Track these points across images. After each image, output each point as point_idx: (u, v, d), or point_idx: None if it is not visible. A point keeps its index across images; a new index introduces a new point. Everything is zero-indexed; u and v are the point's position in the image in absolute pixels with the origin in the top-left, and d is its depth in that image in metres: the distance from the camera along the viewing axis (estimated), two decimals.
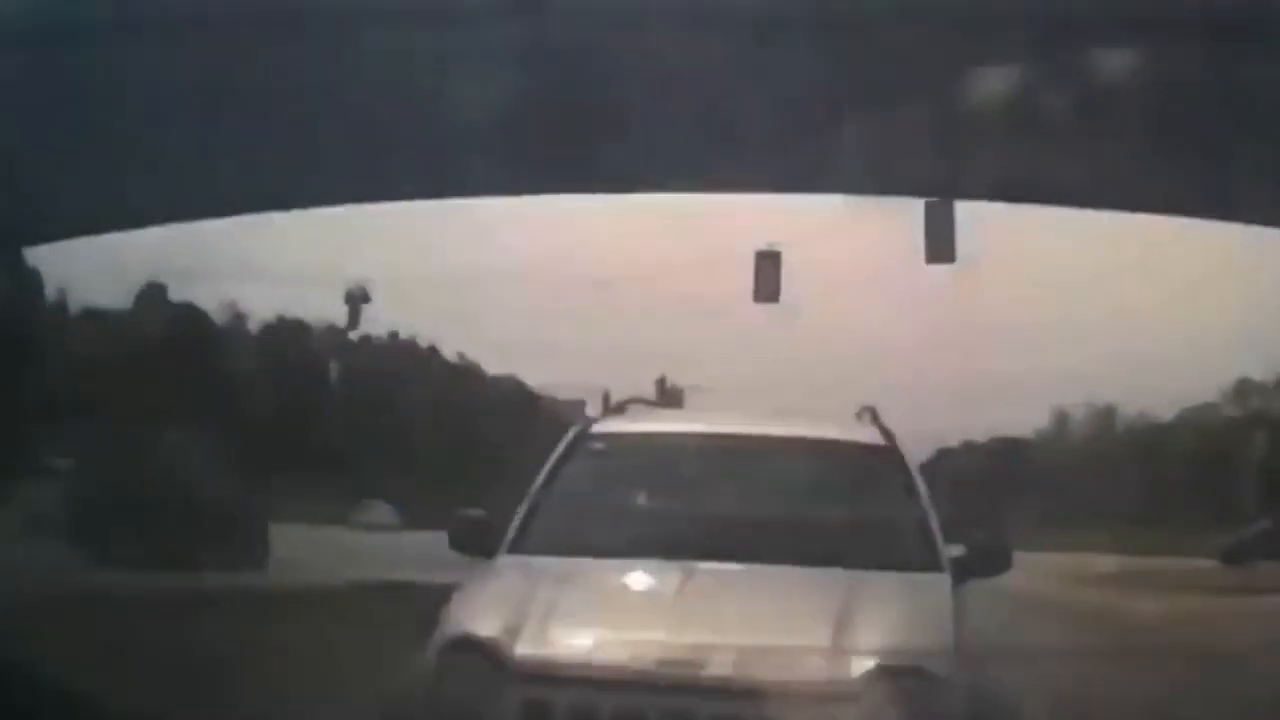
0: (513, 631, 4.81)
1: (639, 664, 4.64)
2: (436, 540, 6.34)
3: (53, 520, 18.19)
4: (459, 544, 5.99)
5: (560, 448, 6.28)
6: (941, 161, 15.13)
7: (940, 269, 17.81)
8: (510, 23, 12.16)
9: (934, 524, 5.86)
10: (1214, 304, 54.01)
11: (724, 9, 12.70)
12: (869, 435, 6.33)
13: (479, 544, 5.89)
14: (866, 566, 5.42)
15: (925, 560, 5.65)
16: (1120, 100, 12.63)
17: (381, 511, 45.64)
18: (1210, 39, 12.26)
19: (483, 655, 4.75)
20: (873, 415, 6.55)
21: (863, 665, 4.64)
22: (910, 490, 6.01)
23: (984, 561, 5.85)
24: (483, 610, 5.06)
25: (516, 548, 5.76)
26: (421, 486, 42.99)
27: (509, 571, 5.58)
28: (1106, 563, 31.90)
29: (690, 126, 14.70)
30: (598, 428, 6.49)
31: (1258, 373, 55.68)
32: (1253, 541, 33.55)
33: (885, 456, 6.18)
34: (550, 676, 4.66)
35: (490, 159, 14.51)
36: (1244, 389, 57.68)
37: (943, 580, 5.55)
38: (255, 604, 13.32)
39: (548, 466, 6.15)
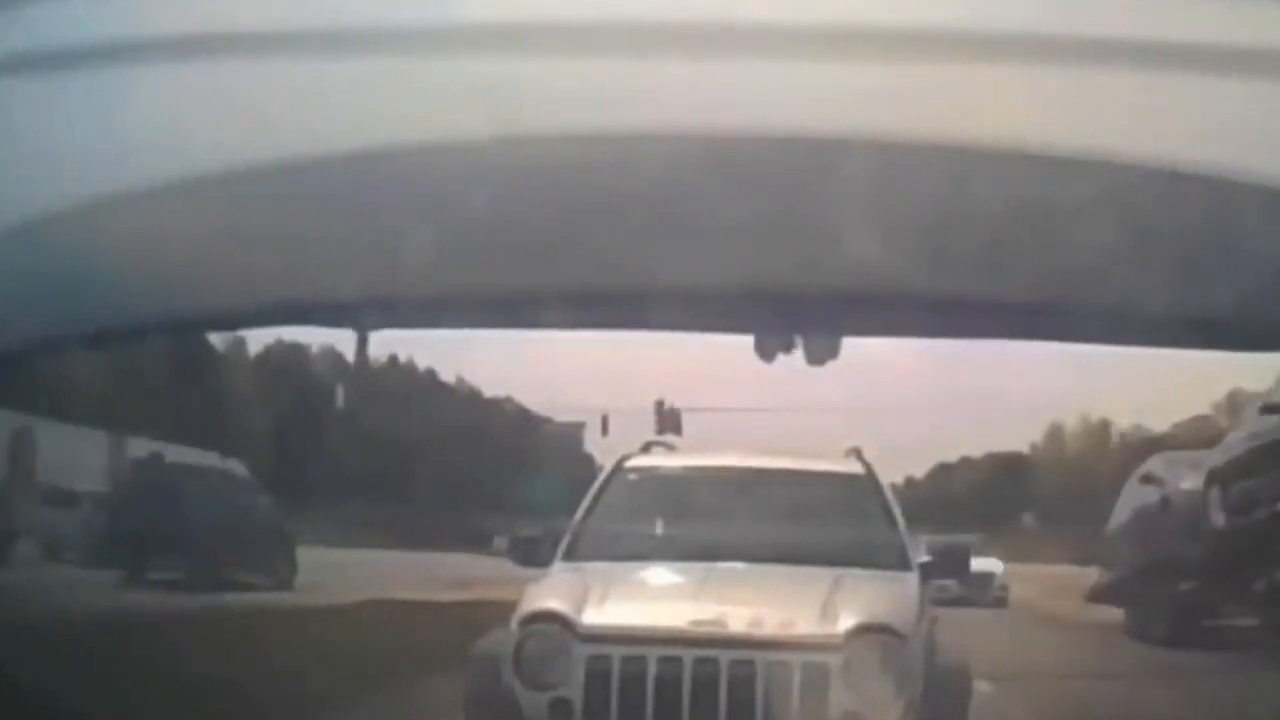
0: (578, 607, 6.25)
1: (675, 625, 6.09)
2: (434, 561, 7.41)
3: (73, 545, 18.58)
4: (520, 558, 7.35)
5: (600, 479, 7.79)
6: None
7: None
8: None
9: (904, 534, 7.31)
10: None
11: None
12: (852, 467, 7.76)
13: (536, 557, 7.13)
14: (849, 565, 6.77)
15: (896, 561, 7.04)
16: None
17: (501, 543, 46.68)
18: None
19: (557, 623, 6.19)
20: (857, 454, 7.94)
21: (846, 624, 6.01)
22: (885, 508, 7.44)
23: (945, 565, 7.26)
24: (553, 593, 6.51)
25: (569, 557, 7.12)
26: (421, 508, 43.28)
27: (566, 572, 6.96)
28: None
29: None
30: (630, 463, 7.98)
31: (1249, 383, 55.87)
32: None
33: (864, 483, 7.61)
34: (609, 637, 6.12)
35: None
36: (1236, 401, 57.82)
37: (911, 576, 6.94)
38: (289, 619, 13.87)
39: (591, 493, 7.58)
